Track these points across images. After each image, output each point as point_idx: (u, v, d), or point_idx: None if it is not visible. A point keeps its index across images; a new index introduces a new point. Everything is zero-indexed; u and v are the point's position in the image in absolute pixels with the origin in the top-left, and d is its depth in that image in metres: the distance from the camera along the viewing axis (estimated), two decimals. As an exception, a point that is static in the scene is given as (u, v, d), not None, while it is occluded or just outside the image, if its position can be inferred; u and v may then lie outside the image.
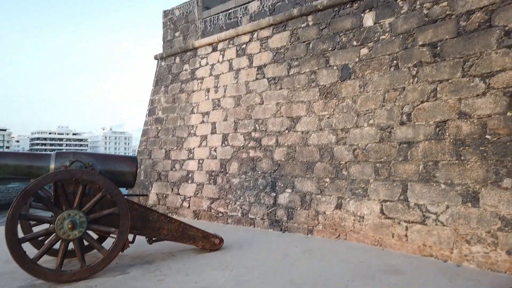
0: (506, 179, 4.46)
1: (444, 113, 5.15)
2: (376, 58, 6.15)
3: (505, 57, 4.61)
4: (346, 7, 6.69)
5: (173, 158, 9.49)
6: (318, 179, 6.68)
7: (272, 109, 7.63)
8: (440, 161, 5.12)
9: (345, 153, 6.37)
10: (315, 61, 7.06)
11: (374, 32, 6.24)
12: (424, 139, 5.34)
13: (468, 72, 4.97)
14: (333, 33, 6.84)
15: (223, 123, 8.50)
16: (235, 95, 8.34)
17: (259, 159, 7.69)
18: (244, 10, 8.55)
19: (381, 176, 5.80)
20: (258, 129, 7.80)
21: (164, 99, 10.07)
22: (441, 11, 5.36)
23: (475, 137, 4.80)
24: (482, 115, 4.77)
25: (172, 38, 10.26)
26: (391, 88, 5.87)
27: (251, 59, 8.16)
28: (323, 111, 6.82)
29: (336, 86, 6.68)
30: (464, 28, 5.07)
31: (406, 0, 5.83)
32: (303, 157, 6.97)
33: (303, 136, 7.05)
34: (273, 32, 7.83)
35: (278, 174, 7.32)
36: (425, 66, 5.47)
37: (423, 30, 5.55)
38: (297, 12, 7.35)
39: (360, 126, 6.23)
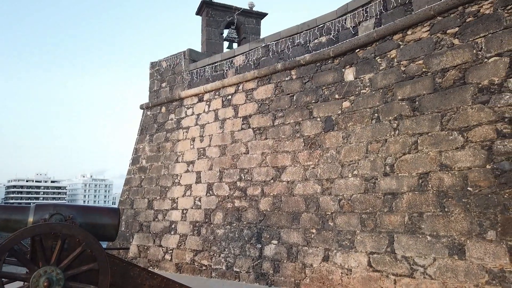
0: (490, 231, 4.51)
1: (426, 165, 5.28)
2: (358, 111, 6.37)
3: (481, 112, 4.84)
4: (327, 62, 7.02)
5: (156, 208, 9.28)
6: (305, 230, 6.61)
7: (257, 158, 7.68)
8: (425, 213, 5.17)
9: (331, 203, 6.38)
10: (299, 112, 7.25)
11: (355, 86, 6.51)
12: (408, 191, 5.42)
13: (446, 126, 5.17)
14: (316, 86, 7.10)
15: (208, 172, 8.47)
16: (221, 144, 8.39)
17: (244, 209, 7.60)
18: (230, 64, 8.85)
19: (367, 227, 5.78)
20: (244, 179, 7.78)
21: (149, 148, 10.04)
22: (417, 68, 5.67)
23: (457, 189, 4.90)
24: (462, 167, 4.91)
25: (159, 89, 10.44)
26: (374, 140, 6.03)
27: (236, 110, 8.32)
28: (308, 161, 6.90)
29: (320, 137, 6.82)
30: (440, 84, 5.35)
31: (384, 58, 6.16)
32: (289, 207, 6.93)
33: (289, 186, 7.05)
34: (258, 85, 8.07)
35: (264, 225, 7.21)
36: (405, 119, 5.68)
37: (401, 86, 5.83)
38: (281, 67, 7.65)
39: (344, 177, 6.30)
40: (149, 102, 10.46)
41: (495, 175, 4.59)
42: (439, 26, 5.49)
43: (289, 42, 7.86)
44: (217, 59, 9.18)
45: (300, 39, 7.71)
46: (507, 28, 4.75)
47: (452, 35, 5.33)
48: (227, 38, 10.84)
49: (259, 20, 11.02)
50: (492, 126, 4.70)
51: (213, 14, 10.49)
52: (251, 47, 8.54)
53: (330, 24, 7.26)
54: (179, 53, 9.94)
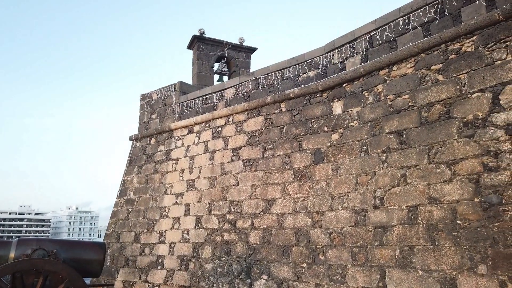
0: (481, 265, 4.49)
1: (415, 197, 5.31)
2: (347, 144, 6.44)
3: (467, 146, 4.94)
4: (316, 96, 7.15)
5: (143, 242, 9.05)
6: (295, 264, 6.49)
7: (247, 190, 7.63)
8: (416, 246, 5.14)
9: (322, 236, 6.31)
10: (288, 144, 7.29)
11: (343, 119, 6.62)
12: (398, 224, 5.41)
13: (434, 159, 5.25)
14: (305, 119, 7.19)
15: (197, 204, 8.35)
16: (210, 176, 8.34)
17: (233, 242, 7.46)
18: (220, 96, 8.96)
19: (359, 261, 5.71)
20: (233, 211, 7.69)
21: (137, 179, 9.91)
22: (404, 102, 5.81)
23: (447, 222, 4.91)
24: (451, 200, 4.94)
25: (149, 120, 10.45)
26: (363, 172, 6.07)
27: (226, 142, 8.34)
28: (298, 193, 6.87)
29: (309, 169, 6.84)
30: (426, 118, 5.48)
31: (371, 92, 6.32)
32: (279, 241, 6.83)
33: (279, 219, 6.98)
34: (248, 117, 8.15)
35: (254, 259, 7.06)
36: (393, 152, 5.75)
37: (388, 119, 5.94)
38: (270, 99, 7.77)
39: (335, 209, 6.28)
40: (139, 134, 10.43)
41: (483, 208, 4.62)
42: (423, 62, 5.69)
43: (279, 75, 8.03)
44: (207, 92, 9.29)
45: (289, 73, 7.89)
46: (489, 65, 4.94)
47: (436, 71, 5.52)
48: (218, 71, 11.03)
49: (249, 55, 11.28)
50: (479, 159, 4.79)
51: (204, 48, 10.72)
52: (241, 80, 8.69)
53: (318, 59, 7.47)
54: (170, 85, 10.05)
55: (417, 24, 5.98)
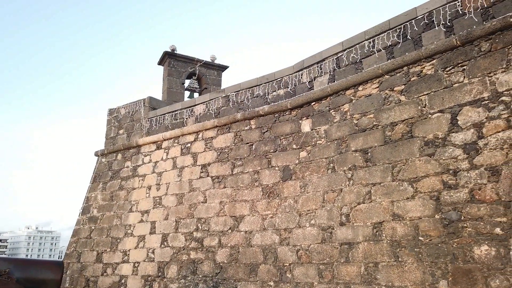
0: (442, 280, 4.60)
1: (380, 214, 5.41)
2: (315, 161, 6.52)
3: (427, 164, 5.12)
4: (285, 114, 7.25)
5: (105, 262, 8.69)
6: (262, 282, 6.40)
7: (215, 207, 7.53)
8: (380, 263, 5.21)
9: (289, 254, 6.28)
10: (258, 161, 7.30)
11: (311, 137, 6.73)
12: (363, 240, 5.48)
13: (397, 177, 5.40)
14: (274, 136, 7.25)
15: (163, 222, 8.15)
16: (178, 193, 8.19)
17: (200, 261, 7.29)
18: (190, 112, 8.91)
19: (325, 278, 5.71)
20: (201, 229, 7.55)
21: (101, 196, 9.58)
22: (369, 121, 5.98)
23: (410, 239, 5.02)
24: (413, 217, 5.07)
25: (116, 135, 10.21)
26: (330, 189, 6.15)
27: (195, 158, 8.26)
28: (266, 210, 6.85)
29: (278, 186, 6.86)
30: (390, 137, 5.66)
31: (338, 111, 6.48)
32: (247, 259, 6.74)
33: (247, 236, 6.91)
34: (218, 133, 8.13)
35: (221, 278, 6.92)
36: (359, 169, 5.87)
37: (354, 138, 6.09)
38: (240, 116, 7.80)
39: (302, 226, 6.29)
40: (105, 149, 10.15)
41: (443, 224, 4.77)
42: (387, 83, 5.91)
43: (249, 93, 8.10)
44: (177, 107, 9.22)
45: (259, 91, 7.98)
46: (447, 87, 5.20)
47: (399, 92, 5.74)
48: (189, 88, 11.00)
49: (220, 72, 11.35)
50: (439, 177, 4.97)
51: (175, 64, 10.70)
52: (212, 97, 8.70)
53: (288, 78, 7.61)
54: (139, 100, 9.91)
55: (381, 47, 6.24)
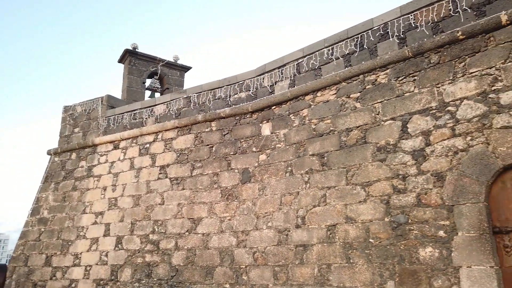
0: (389, 281, 4.79)
1: (333, 217, 5.56)
2: (273, 164, 6.60)
3: (379, 169, 5.33)
4: (246, 116, 7.29)
5: (55, 265, 8.30)
6: (218, 285, 6.37)
7: (173, 209, 7.42)
8: (333, 264, 5.34)
9: (246, 256, 6.30)
10: (217, 163, 7.28)
11: (271, 140, 6.80)
12: (318, 242, 5.60)
13: (351, 181, 5.57)
14: (235, 139, 7.27)
15: (118, 224, 7.92)
16: (135, 194, 7.99)
17: (155, 264, 7.15)
18: (150, 112, 8.74)
19: (280, 280, 5.78)
20: (157, 231, 7.40)
21: (53, 197, 9.16)
22: (326, 127, 6.14)
23: (361, 241, 5.19)
24: (365, 220, 5.25)
25: (71, 134, 9.82)
26: (287, 192, 6.24)
27: (154, 159, 8.10)
28: (224, 212, 6.84)
29: (237, 189, 6.87)
30: (345, 142, 5.83)
31: (297, 116, 6.60)
32: (203, 261, 6.69)
33: (204, 239, 6.86)
34: (178, 134, 8.03)
35: (176, 281, 6.81)
36: (315, 173, 6.01)
37: (312, 142, 6.23)
38: (201, 118, 7.75)
39: (259, 229, 6.33)
40: (58, 148, 9.73)
41: (392, 227, 4.98)
42: (344, 90, 6.10)
43: (211, 95, 8.07)
44: (137, 107, 9.02)
45: (221, 93, 7.97)
46: (399, 96, 5.45)
47: (354, 99, 5.94)
48: (150, 87, 10.78)
49: (183, 73, 11.23)
50: (389, 182, 5.18)
51: (136, 63, 10.47)
52: (173, 97, 8.58)
53: (250, 82, 7.66)
54: (97, 98, 9.59)
55: (340, 55, 6.44)
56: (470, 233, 4.37)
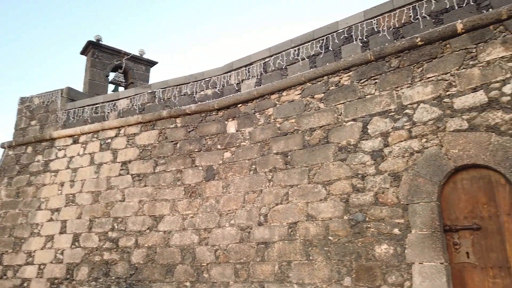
0: (346, 277, 4.92)
1: (295, 215, 5.64)
2: (238, 162, 6.60)
3: (340, 168, 5.46)
4: (212, 114, 7.25)
5: (6, 264, 7.89)
6: (178, 283, 6.29)
7: (134, 206, 7.25)
8: (293, 261, 5.42)
9: (207, 254, 6.26)
10: (181, 160, 7.19)
11: (236, 138, 6.80)
12: (279, 240, 5.66)
13: (312, 179, 5.67)
14: (200, 136, 7.21)
15: (76, 221, 7.64)
16: (94, 190, 7.74)
17: (114, 262, 6.96)
18: (112, 106, 8.50)
19: (241, 277, 5.79)
20: (117, 229, 7.21)
21: (6, 192, 8.70)
22: (290, 126, 6.22)
23: (321, 238, 5.30)
24: (325, 218, 5.36)
25: (27, 127, 9.37)
26: (251, 190, 6.26)
27: (115, 154, 7.89)
28: (187, 210, 6.77)
29: (200, 186, 6.82)
30: (308, 142, 5.93)
31: (262, 114, 6.64)
32: (164, 259, 6.58)
33: (165, 236, 6.75)
34: (141, 130, 7.85)
35: (135, 279, 6.66)
36: (279, 172, 6.07)
37: (276, 141, 6.28)
38: (166, 114, 7.63)
39: (222, 226, 6.31)
40: (13, 141, 9.25)
41: (351, 225, 5.12)
42: (309, 91, 6.20)
43: (176, 91, 7.96)
44: (99, 100, 8.74)
45: (187, 89, 7.88)
46: (361, 98, 5.60)
47: (318, 99, 6.05)
48: (114, 81, 10.50)
49: (149, 68, 11.00)
50: (349, 181, 5.32)
51: (99, 55, 10.15)
52: (137, 92, 8.39)
53: (216, 79, 7.63)
54: (56, 90, 9.21)
55: (305, 56, 6.54)
56: (423, 231, 4.57)
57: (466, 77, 4.72)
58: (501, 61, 4.53)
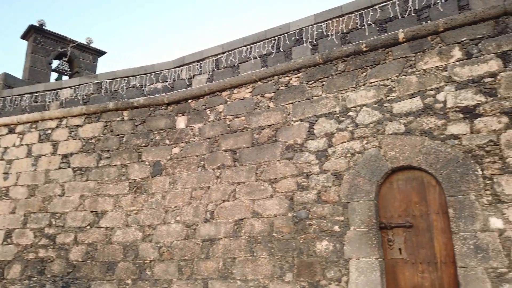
0: (288, 273, 5.04)
1: (241, 212, 5.68)
2: (186, 158, 6.52)
3: (286, 167, 5.58)
4: (161, 108, 7.10)
5: None
6: (119, 281, 6.10)
7: (74, 201, 6.92)
8: (237, 258, 5.46)
9: (151, 251, 6.13)
10: (127, 155, 6.97)
11: (185, 134, 6.71)
12: (224, 236, 5.67)
13: (260, 177, 5.74)
14: (148, 130, 7.03)
15: (8, 216, 7.14)
16: (31, 184, 7.29)
17: (50, 260, 6.60)
18: (54, 95, 8.04)
19: (185, 274, 5.73)
20: (54, 224, 6.84)
21: None
22: (240, 124, 6.25)
23: (265, 235, 5.39)
24: (270, 215, 5.46)
25: (-44, 112, 8.60)
26: (198, 186, 6.21)
27: (56, 146, 7.47)
28: (131, 206, 6.57)
29: (147, 182, 6.65)
30: (257, 140, 5.99)
31: (213, 111, 6.61)
32: (105, 256, 6.35)
33: (107, 233, 6.51)
34: (85, 122, 7.51)
35: (73, 277, 6.37)
36: (227, 169, 6.08)
37: (226, 138, 6.29)
38: (112, 106, 7.35)
39: (167, 223, 6.21)
40: None
41: (294, 222, 5.25)
42: (259, 89, 6.27)
43: (124, 83, 7.70)
44: (39, 89, 8.23)
45: (136, 81, 7.65)
46: (308, 99, 5.76)
47: (268, 98, 6.14)
48: (57, 69, 9.94)
49: (96, 58, 10.54)
50: (294, 179, 5.45)
51: (42, 41, 9.56)
52: (82, 82, 8.00)
53: (167, 73, 7.47)
54: (-9, 75, 8.54)
55: (257, 55, 6.60)
56: (361, 228, 4.80)
57: (405, 83, 5.02)
58: (436, 70, 4.87)
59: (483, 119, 4.44)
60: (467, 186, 4.33)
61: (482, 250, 4.09)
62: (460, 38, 4.81)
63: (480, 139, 4.39)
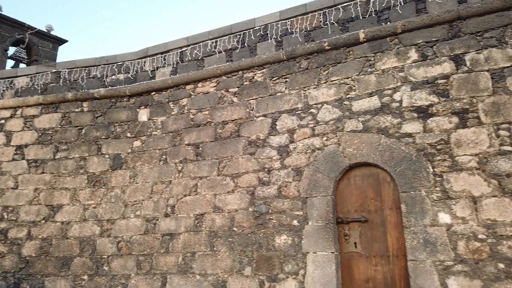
0: (247, 267, 5.08)
1: (202, 206, 5.66)
2: (148, 151, 6.41)
3: (248, 162, 5.60)
4: (123, 100, 6.93)
5: None
6: (75, 277, 5.93)
7: (28, 195, 6.64)
8: (197, 252, 5.44)
9: (109, 246, 5.99)
10: (86, 147, 6.76)
11: (147, 127, 6.59)
12: (185, 231, 5.63)
13: (222, 172, 5.74)
14: (108, 122, 6.84)
15: (-44, 210, 6.75)
16: (-19, 176, 6.91)
17: (1, 255, 6.31)
18: (9, 84, 7.66)
19: (143, 269, 5.65)
20: (6, 219, 6.54)
21: None
22: (204, 118, 6.21)
23: (226, 229, 5.39)
24: (231, 209, 5.47)
25: None
26: (159, 181, 6.12)
27: (9, 137, 7.13)
28: (89, 200, 6.39)
29: (106, 175, 6.48)
30: (220, 134, 5.98)
31: (176, 104, 6.52)
32: (60, 252, 6.14)
33: (63, 227, 6.30)
34: (42, 112, 7.21)
35: (25, 273, 6.12)
36: (189, 163, 6.03)
37: (189, 132, 6.22)
38: (71, 96, 7.10)
39: (127, 217, 6.09)
40: None
41: (255, 216, 5.29)
42: (224, 84, 6.24)
43: (85, 73, 7.45)
44: (-8, 76, 7.81)
45: (96, 72, 7.41)
46: (272, 95, 5.79)
47: (232, 93, 6.13)
48: (14, 56, 9.47)
49: (56, 46, 10.12)
50: (256, 174, 5.48)
51: (-3, 25, 9.06)
52: (39, 70, 7.67)
53: (130, 64, 7.29)
54: None
55: (222, 49, 6.56)
56: (318, 222, 4.90)
57: (364, 82, 5.16)
58: (394, 71, 5.03)
59: (435, 119, 4.64)
60: (418, 182, 4.52)
61: (430, 244, 4.29)
62: (417, 40, 5.00)
63: (432, 138, 4.59)
